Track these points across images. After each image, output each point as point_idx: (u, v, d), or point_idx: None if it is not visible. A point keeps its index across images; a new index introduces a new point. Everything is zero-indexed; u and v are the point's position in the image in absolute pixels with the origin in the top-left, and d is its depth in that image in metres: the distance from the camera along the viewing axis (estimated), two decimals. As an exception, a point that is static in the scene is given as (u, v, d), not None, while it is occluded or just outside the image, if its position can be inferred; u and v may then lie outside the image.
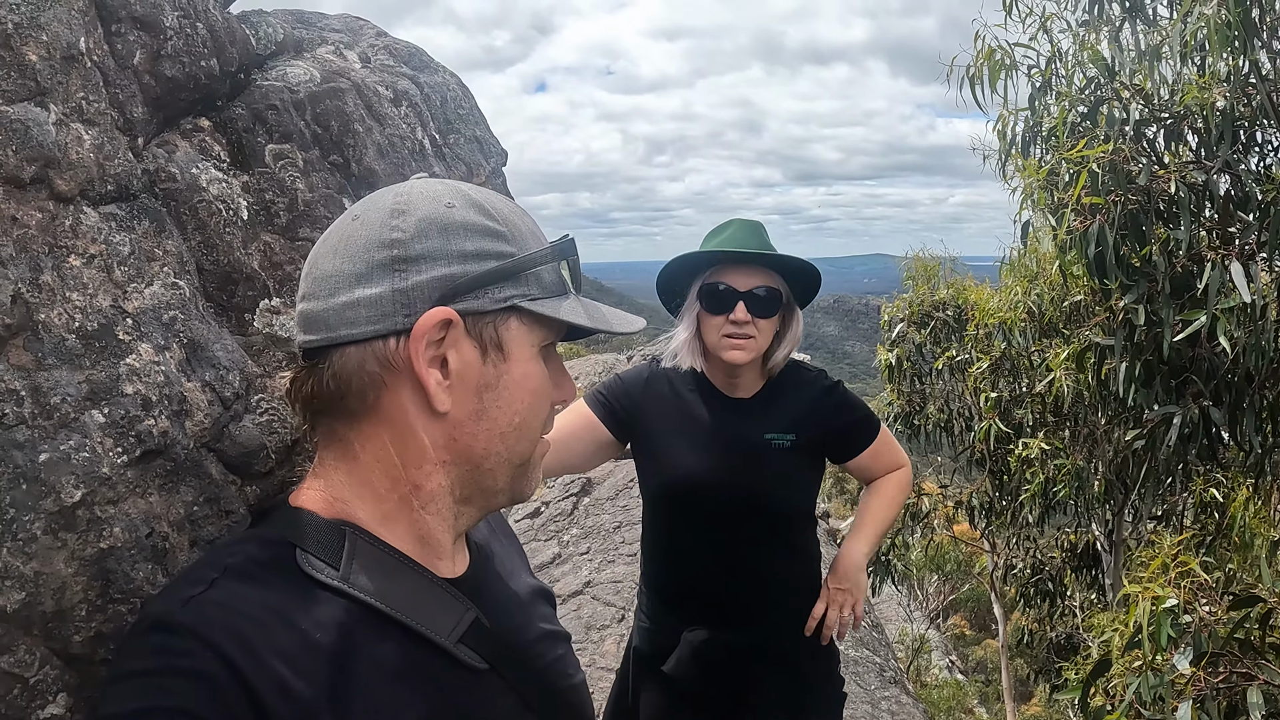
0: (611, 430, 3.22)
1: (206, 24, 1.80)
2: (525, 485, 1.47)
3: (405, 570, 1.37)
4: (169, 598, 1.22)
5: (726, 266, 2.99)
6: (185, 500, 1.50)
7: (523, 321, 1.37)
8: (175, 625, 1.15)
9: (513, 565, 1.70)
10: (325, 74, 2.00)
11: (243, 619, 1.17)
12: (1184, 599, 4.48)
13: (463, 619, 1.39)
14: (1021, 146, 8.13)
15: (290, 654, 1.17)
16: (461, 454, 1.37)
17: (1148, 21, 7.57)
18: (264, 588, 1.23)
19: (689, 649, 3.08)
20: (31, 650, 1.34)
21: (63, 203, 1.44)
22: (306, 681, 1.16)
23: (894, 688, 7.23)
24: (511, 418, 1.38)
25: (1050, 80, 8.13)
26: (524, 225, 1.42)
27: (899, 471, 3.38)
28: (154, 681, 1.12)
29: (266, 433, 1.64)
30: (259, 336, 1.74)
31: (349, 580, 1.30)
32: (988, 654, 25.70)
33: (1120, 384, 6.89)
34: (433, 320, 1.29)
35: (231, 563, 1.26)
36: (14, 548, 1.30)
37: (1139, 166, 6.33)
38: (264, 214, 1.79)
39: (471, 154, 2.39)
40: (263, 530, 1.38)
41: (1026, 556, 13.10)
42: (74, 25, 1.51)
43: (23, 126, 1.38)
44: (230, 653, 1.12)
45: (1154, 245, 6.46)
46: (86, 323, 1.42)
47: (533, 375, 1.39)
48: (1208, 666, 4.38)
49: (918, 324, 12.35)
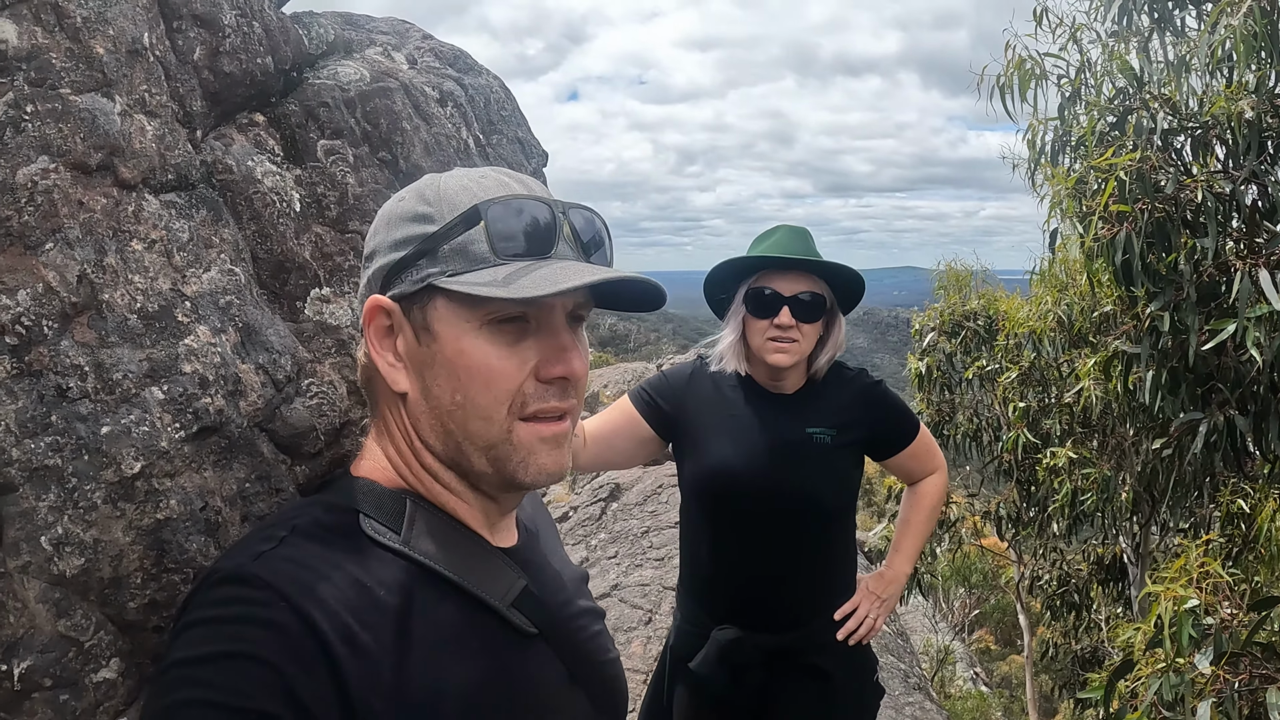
0: (654, 427, 3.27)
1: (262, 23, 1.87)
2: (518, 469, 1.40)
3: (461, 537, 1.43)
4: (239, 554, 1.26)
5: (772, 272, 3.03)
6: (238, 477, 1.56)
7: (450, 299, 1.35)
8: (248, 577, 1.19)
9: (553, 545, 1.74)
10: (374, 74, 2.05)
11: (312, 574, 1.21)
12: (1205, 600, 4.49)
13: (514, 585, 1.44)
14: (1050, 155, 8.12)
15: (356, 608, 1.21)
16: (432, 432, 1.41)
17: (1176, 33, 7.56)
18: (331, 548, 1.28)
19: (716, 647, 3.10)
20: (88, 615, 1.40)
21: (126, 189, 1.50)
22: (372, 635, 1.21)
23: (918, 694, 7.23)
24: (452, 395, 1.36)
25: (1079, 90, 8.13)
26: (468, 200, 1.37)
27: (936, 477, 3.42)
28: (228, 629, 1.15)
29: (316, 415, 1.69)
30: (310, 324, 1.79)
31: (410, 544, 1.35)
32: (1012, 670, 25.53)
33: (1146, 392, 6.88)
34: (368, 309, 1.38)
35: (299, 523, 1.31)
36: (75, 515, 1.36)
37: (1166, 175, 6.32)
38: (315, 206, 1.85)
39: (513, 154, 2.44)
40: (327, 496, 1.43)
41: (1053, 568, 13.01)
42: (138, 20, 1.57)
43: (90, 116, 1.45)
44: (301, 603, 1.16)
45: (1180, 254, 6.45)
46: (147, 304, 1.48)
47: (467, 353, 1.34)
48: (1228, 667, 4.37)
49: (948, 333, 12.30)
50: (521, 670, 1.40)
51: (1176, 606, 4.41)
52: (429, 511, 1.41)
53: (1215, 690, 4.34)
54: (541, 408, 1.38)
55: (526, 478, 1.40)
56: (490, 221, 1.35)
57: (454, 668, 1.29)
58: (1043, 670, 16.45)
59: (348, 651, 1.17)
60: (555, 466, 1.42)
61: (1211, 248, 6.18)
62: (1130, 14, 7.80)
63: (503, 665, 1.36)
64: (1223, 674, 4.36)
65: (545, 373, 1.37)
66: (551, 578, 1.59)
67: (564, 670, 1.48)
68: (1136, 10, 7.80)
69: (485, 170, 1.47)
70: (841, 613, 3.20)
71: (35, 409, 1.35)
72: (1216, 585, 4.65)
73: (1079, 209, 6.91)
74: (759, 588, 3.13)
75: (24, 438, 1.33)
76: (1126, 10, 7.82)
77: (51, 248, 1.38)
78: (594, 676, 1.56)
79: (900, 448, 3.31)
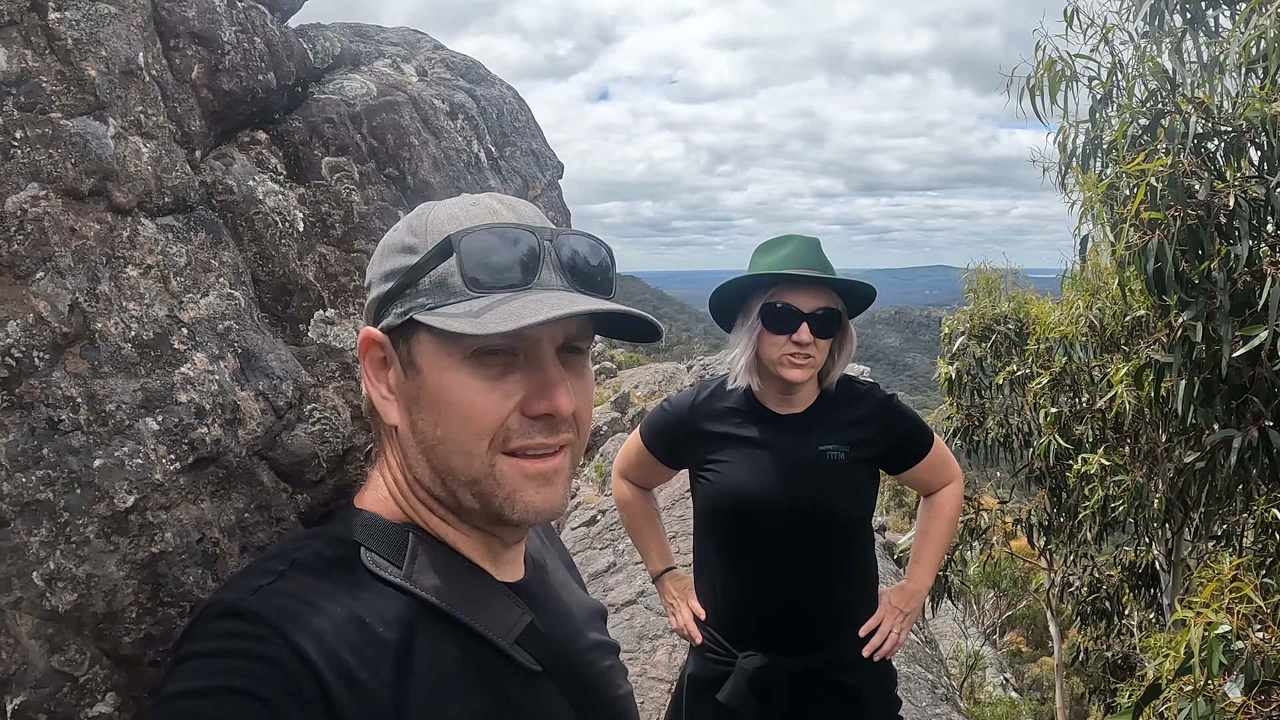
0: (663, 461, 3.36)
1: (264, 38, 1.84)
2: (504, 506, 1.35)
3: (464, 572, 1.40)
4: (238, 587, 1.24)
5: (789, 286, 3.00)
6: (236, 507, 1.53)
7: (431, 333, 1.31)
8: (245, 612, 1.17)
9: (563, 577, 1.71)
10: (382, 87, 2.03)
11: (310, 609, 1.20)
12: (1237, 625, 4.42)
13: (519, 621, 1.41)
14: (1082, 159, 8.03)
15: (355, 644, 1.19)
16: (421, 466, 1.38)
17: (1209, 33, 7.47)
18: (330, 582, 1.26)
19: (744, 676, 3.07)
20: (82, 650, 1.38)
21: (121, 214, 1.48)
22: (371, 672, 1.19)
23: (945, 705, 7.18)
24: (434, 429, 1.33)
25: (1111, 92, 8.05)
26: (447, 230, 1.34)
27: (953, 487, 3.39)
28: (224, 663, 1.14)
29: (319, 442, 1.66)
30: (313, 346, 1.76)
31: (411, 579, 1.33)
32: (1043, 672, 25.38)
33: (1179, 402, 6.80)
34: (361, 342, 1.38)
35: (299, 557, 1.29)
36: (67, 550, 1.34)
37: (1199, 181, 6.24)
38: (320, 226, 1.82)
39: (527, 167, 2.41)
40: (329, 528, 1.41)
41: (1084, 574, 12.91)
42: (133, 40, 1.54)
43: (81, 140, 1.42)
44: (298, 640, 1.15)
45: (1213, 261, 6.37)
46: (142, 332, 1.45)
47: (447, 387, 1.31)
48: (1259, 695, 4.32)
49: (978, 337, 12.21)
50: (525, 708, 1.38)
51: (1207, 632, 4.34)
52: (431, 545, 1.39)
53: (1245, 718, 4.28)
54: (525, 444, 1.34)
55: (514, 515, 1.36)
56: (463, 253, 1.31)
57: (456, 706, 1.27)
58: (1073, 674, 16.35)
59: (345, 690, 1.15)
60: (544, 504, 1.37)
61: (1244, 254, 6.09)
62: (1162, 14, 7.72)
63: (506, 703, 1.34)
64: (1253, 703, 4.30)
65: (529, 409, 1.33)
66: (559, 612, 1.56)
67: (569, 706, 1.45)
68: (1168, 10, 7.71)
69: (480, 197, 1.43)
70: (866, 629, 3.19)
71: (26, 442, 1.32)
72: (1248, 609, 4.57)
73: (1110, 215, 6.84)
74: (782, 611, 3.11)
75: (15, 472, 1.31)
76: (1158, 10, 7.74)
77: (42, 277, 1.36)
78: (602, 714, 1.54)
79: (915, 461, 3.29)
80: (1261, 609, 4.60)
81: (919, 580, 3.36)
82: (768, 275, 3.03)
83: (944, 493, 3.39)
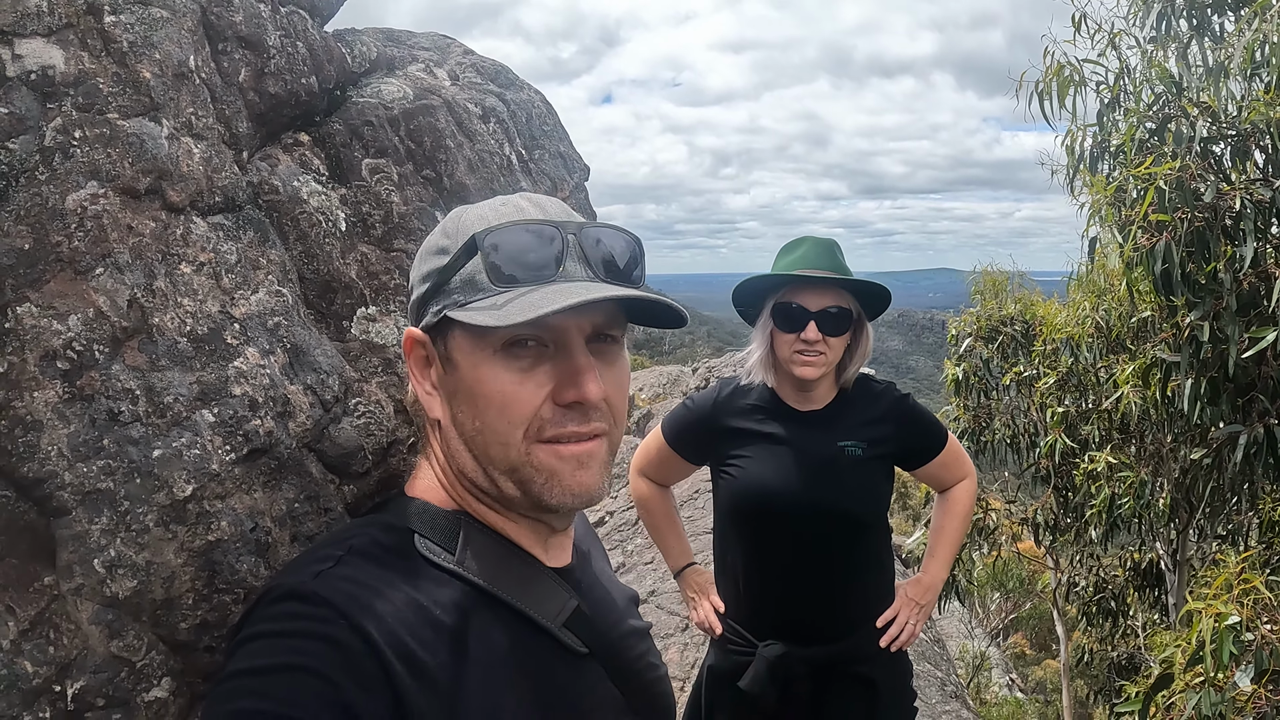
0: (686, 458, 3.41)
1: (306, 43, 1.87)
2: (543, 492, 1.39)
3: (514, 558, 1.44)
4: (298, 572, 1.27)
5: (799, 286, 3.05)
6: (287, 497, 1.57)
7: (464, 329, 1.36)
8: (308, 594, 1.20)
9: (603, 565, 1.75)
10: (418, 91, 2.06)
11: (370, 592, 1.23)
12: (1246, 616, 4.45)
13: (566, 605, 1.45)
14: (1090, 162, 8.05)
15: (413, 626, 1.22)
16: (463, 458, 1.43)
17: (1215, 38, 7.50)
18: (388, 568, 1.29)
19: (765, 664, 3.11)
20: (140, 636, 1.41)
21: (174, 213, 1.51)
22: (429, 653, 1.22)
23: (955, 702, 7.18)
24: (473, 422, 1.38)
25: (1118, 96, 8.07)
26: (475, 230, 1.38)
27: (966, 483, 3.43)
28: (288, 642, 1.16)
29: (364, 435, 1.70)
30: (356, 343, 1.80)
31: (464, 564, 1.37)
32: (1048, 674, 25.33)
33: (1185, 401, 6.82)
34: (405, 342, 1.43)
35: (356, 544, 1.32)
36: (127, 538, 1.37)
37: (1206, 184, 6.27)
38: (361, 225, 1.86)
39: (556, 169, 2.44)
40: (383, 516, 1.45)
41: (1089, 574, 12.90)
42: (184, 44, 1.58)
43: (138, 140, 1.46)
44: (361, 621, 1.17)
45: (1219, 262, 6.39)
46: (197, 327, 1.49)
47: (481, 380, 1.36)
48: (1269, 684, 4.34)
49: (985, 338, 12.21)
50: (575, 689, 1.42)
51: (1217, 624, 4.37)
52: (481, 532, 1.43)
53: (1255, 708, 4.30)
54: (559, 432, 1.38)
55: (553, 499, 1.39)
56: (485, 250, 1.35)
57: (510, 687, 1.30)
58: (1078, 675, 16.32)
59: (406, 670, 1.18)
60: (581, 488, 1.40)
61: (1250, 255, 6.12)
62: (1169, 19, 7.74)
63: (557, 685, 1.38)
64: (1264, 692, 4.32)
65: (560, 397, 1.37)
66: (602, 597, 1.61)
67: (614, 689, 1.49)
68: (1175, 16, 7.73)
69: (510, 198, 1.49)
70: (883, 620, 3.23)
71: (87, 433, 1.36)
72: (1257, 600, 4.60)
73: (1118, 218, 6.86)
74: (801, 603, 3.15)
75: (76, 461, 1.35)
76: (1165, 16, 7.76)
77: (102, 272, 1.39)
78: (644, 694, 1.58)
79: (930, 458, 3.34)
80: (1270, 602, 4.62)
81: (934, 573, 3.40)
82: (779, 276, 3.09)
83: (958, 489, 3.43)
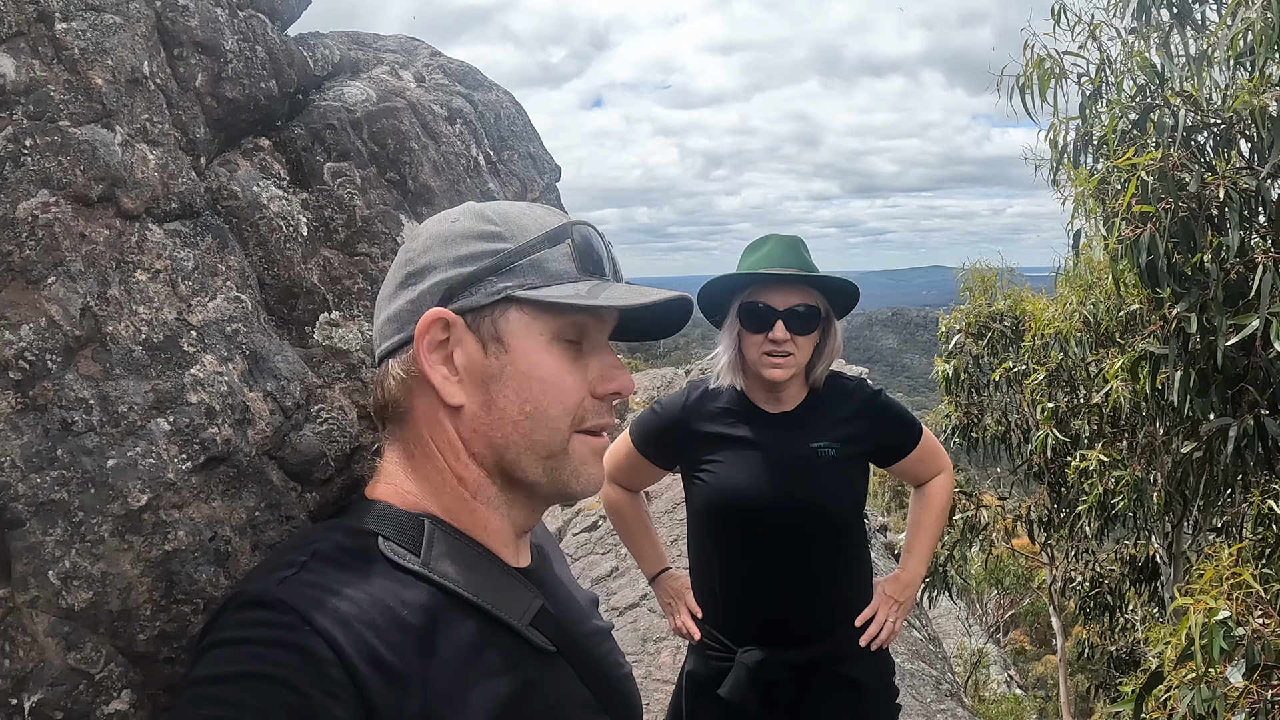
0: (655, 463, 3.40)
1: (265, 47, 1.86)
2: (571, 479, 1.47)
3: (479, 558, 1.44)
4: (262, 578, 1.27)
5: (764, 285, 3.03)
6: (247, 506, 1.55)
7: (524, 311, 1.41)
8: (272, 601, 1.20)
9: (562, 568, 1.76)
10: (381, 93, 2.04)
11: (335, 597, 1.22)
12: (1237, 611, 4.45)
13: (531, 605, 1.46)
14: (1072, 155, 8.07)
15: (380, 629, 1.22)
16: (485, 445, 1.43)
17: (1196, 27, 7.51)
18: (351, 571, 1.29)
19: (744, 670, 3.09)
20: (98, 648, 1.40)
21: (129, 220, 1.50)
22: (398, 655, 1.22)
23: (950, 700, 7.19)
24: (521, 405, 1.41)
25: (1100, 88, 8.08)
26: (533, 224, 1.46)
27: (943, 477, 3.44)
28: (253, 650, 1.16)
29: (326, 441, 1.68)
30: (319, 348, 1.78)
31: (429, 566, 1.37)
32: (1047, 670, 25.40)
33: (1175, 393, 6.83)
34: (428, 320, 1.40)
35: (319, 548, 1.32)
36: (82, 549, 1.36)
37: (1189, 173, 6.28)
38: (323, 230, 1.84)
39: (525, 170, 2.42)
40: (345, 520, 1.45)
41: (1085, 570, 12.94)
42: (138, 50, 1.56)
43: (90, 147, 1.44)
44: (326, 627, 1.17)
45: (1205, 252, 6.40)
46: (152, 335, 1.47)
47: (541, 364, 1.41)
48: (1261, 679, 4.33)
49: (975, 335, 12.25)
50: (546, 687, 1.42)
51: (1207, 619, 4.37)
52: (446, 532, 1.43)
53: (1248, 703, 4.30)
54: (597, 423, 1.48)
55: (578, 487, 1.48)
56: (576, 241, 1.45)
57: (479, 687, 1.30)
58: (1077, 670, 16.36)
59: (374, 675, 1.17)
60: (599, 478, 1.52)
61: (1235, 244, 6.13)
62: (1149, 9, 7.76)
63: (528, 683, 1.38)
64: (1255, 687, 4.32)
65: (601, 388, 1.47)
66: (565, 598, 1.62)
67: (583, 687, 1.50)
68: (1155, 6, 7.75)
69: (520, 204, 1.56)
70: (862, 619, 3.22)
71: (40, 443, 1.35)
72: (1249, 594, 4.60)
73: (1102, 210, 6.88)
74: (778, 606, 3.13)
75: (30, 472, 1.33)
76: (1145, 6, 7.78)
77: (54, 281, 1.38)
78: (612, 693, 1.58)
79: (905, 454, 3.34)
80: (1261, 596, 4.62)
81: (913, 570, 3.40)
82: (744, 275, 3.07)
83: (934, 483, 3.43)
